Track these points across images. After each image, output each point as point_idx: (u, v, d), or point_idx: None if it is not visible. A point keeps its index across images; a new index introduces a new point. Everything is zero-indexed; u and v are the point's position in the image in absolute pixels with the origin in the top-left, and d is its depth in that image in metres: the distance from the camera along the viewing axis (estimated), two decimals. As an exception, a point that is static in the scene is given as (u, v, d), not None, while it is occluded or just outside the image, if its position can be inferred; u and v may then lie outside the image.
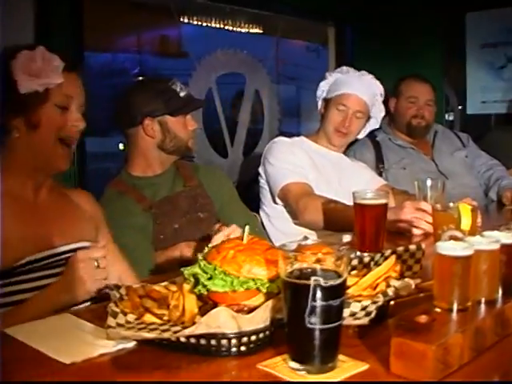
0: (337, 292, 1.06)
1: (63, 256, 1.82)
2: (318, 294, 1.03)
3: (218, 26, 4.64)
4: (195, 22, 4.54)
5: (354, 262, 1.54)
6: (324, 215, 2.56)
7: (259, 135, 4.38)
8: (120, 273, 1.98)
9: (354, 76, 3.05)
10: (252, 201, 2.99)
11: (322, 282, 1.03)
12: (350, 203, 2.79)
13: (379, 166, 3.60)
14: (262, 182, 3.03)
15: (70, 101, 1.85)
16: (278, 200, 2.90)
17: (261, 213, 3.05)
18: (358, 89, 3.02)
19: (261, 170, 3.03)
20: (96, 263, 1.64)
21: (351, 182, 3.02)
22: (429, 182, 2.37)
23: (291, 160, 2.91)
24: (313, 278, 1.03)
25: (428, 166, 3.65)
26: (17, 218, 1.78)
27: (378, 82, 3.10)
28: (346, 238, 2.69)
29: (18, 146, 1.81)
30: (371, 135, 3.81)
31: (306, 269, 1.06)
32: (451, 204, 1.75)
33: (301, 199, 2.71)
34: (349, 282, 1.23)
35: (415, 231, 2.28)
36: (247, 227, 1.25)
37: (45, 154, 1.82)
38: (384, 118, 3.89)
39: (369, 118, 3.10)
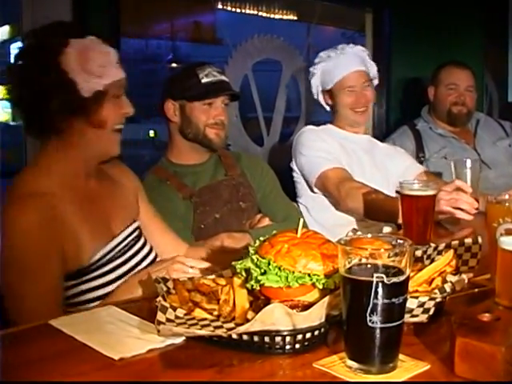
0: (400, 289, 1.00)
1: (124, 243, 1.78)
2: (381, 291, 0.98)
3: (252, 12, 4.58)
4: (229, 8, 4.47)
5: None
6: (365, 204, 2.50)
7: (295, 123, 4.32)
8: (172, 242, 1.99)
9: (339, 56, 2.94)
10: (288, 189, 2.93)
11: (385, 279, 0.98)
12: (388, 186, 2.78)
13: (419, 156, 3.52)
14: (296, 175, 2.95)
15: (122, 89, 1.75)
16: (315, 190, 2.84)
17: (299, 206, 2.98)
18: (353, 63, 2.94)
19: (293, 164, 2.94)
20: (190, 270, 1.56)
21: (387, 164, 2.97)
22: (468, 163, 2.31)
23: (323, 147, 2.84)
24: (375, 275, 0.98)
25: (470, 156, 3.55)
26: (81, 214, 1.70)
27: (357, 46, 3.03)
28: (386, 229, 2.65)
29: (72, 140, 1.70)
30: (411, 124, 3.74)
31: (366, 264, 1.01)
32: (506, 196, 1.68)
33: (342, 185, 2.64)
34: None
35: (460, 214, 2.21)
36: (301, 220, 1.20)
37: (101, 143, 1.74)
38: (423, 106, 3.84)
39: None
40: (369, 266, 1.01)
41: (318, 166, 2.78)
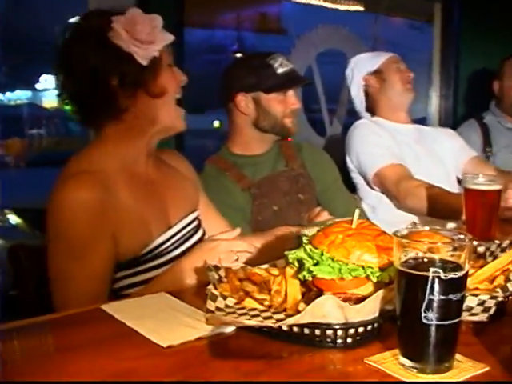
0: (457, 286, 0.96)
1: (181, 234, 1.74)
2: (437, 287, 0.94)
3: (317, 2, 4.53)
4: (295, -1, 4.44)
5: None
6: (427, 203, 2.44)
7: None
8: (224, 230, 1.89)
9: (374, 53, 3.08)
10: (349, 181, 2.87)
11: (441, 274, 0.93)
12: (446, 175, 2.80)
13: (486, 150, 3.42)
14: (354, 175, 2.89)
15: (172, 57, 1.73)
16: (374, 186, 2.78)
17: (363, 205, 2.91)
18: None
19: (348, 162, 2.88)
20: (236, 257, 1.52)
21: (438, 151, 2.92)
22: None
23: (378, 142, 2.78)
24: (432, 270, 0.94)
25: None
26: (138, 199, 1.66)
27: None
28: (450, 225, 2.57)
29: (134, 116, 1.66)
30: (478, 117, 3.63)
31: (423, 258, 0.97)
32: None
33: (400, 184, 2.60)
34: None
35: None
36: (357, 210, 1.16)
37: (164, 116, 1.70)
38: (491, 101, 3.72)
39: None
40: (425, 260, 0.96)
41: (374, 162, 2.73)
